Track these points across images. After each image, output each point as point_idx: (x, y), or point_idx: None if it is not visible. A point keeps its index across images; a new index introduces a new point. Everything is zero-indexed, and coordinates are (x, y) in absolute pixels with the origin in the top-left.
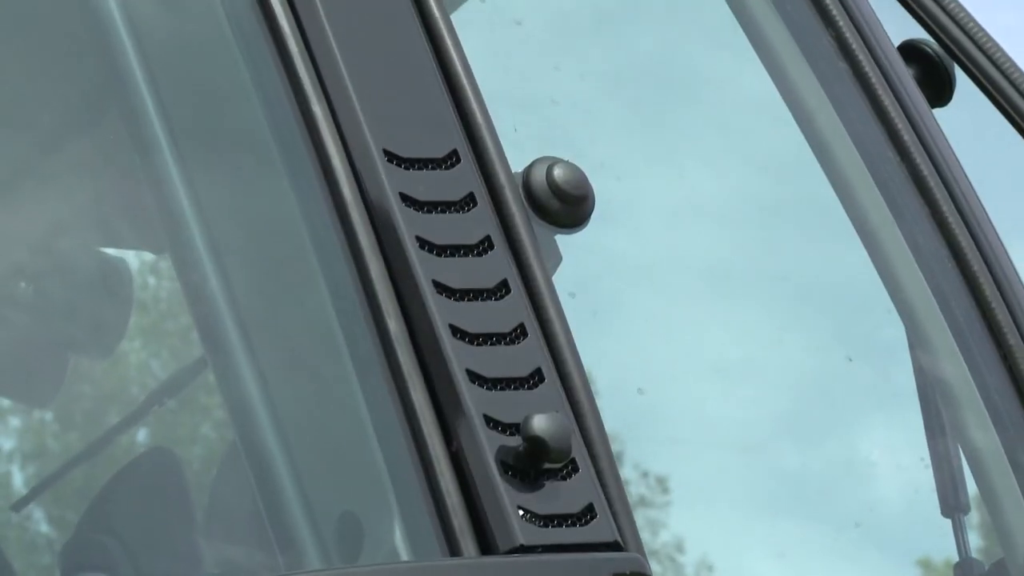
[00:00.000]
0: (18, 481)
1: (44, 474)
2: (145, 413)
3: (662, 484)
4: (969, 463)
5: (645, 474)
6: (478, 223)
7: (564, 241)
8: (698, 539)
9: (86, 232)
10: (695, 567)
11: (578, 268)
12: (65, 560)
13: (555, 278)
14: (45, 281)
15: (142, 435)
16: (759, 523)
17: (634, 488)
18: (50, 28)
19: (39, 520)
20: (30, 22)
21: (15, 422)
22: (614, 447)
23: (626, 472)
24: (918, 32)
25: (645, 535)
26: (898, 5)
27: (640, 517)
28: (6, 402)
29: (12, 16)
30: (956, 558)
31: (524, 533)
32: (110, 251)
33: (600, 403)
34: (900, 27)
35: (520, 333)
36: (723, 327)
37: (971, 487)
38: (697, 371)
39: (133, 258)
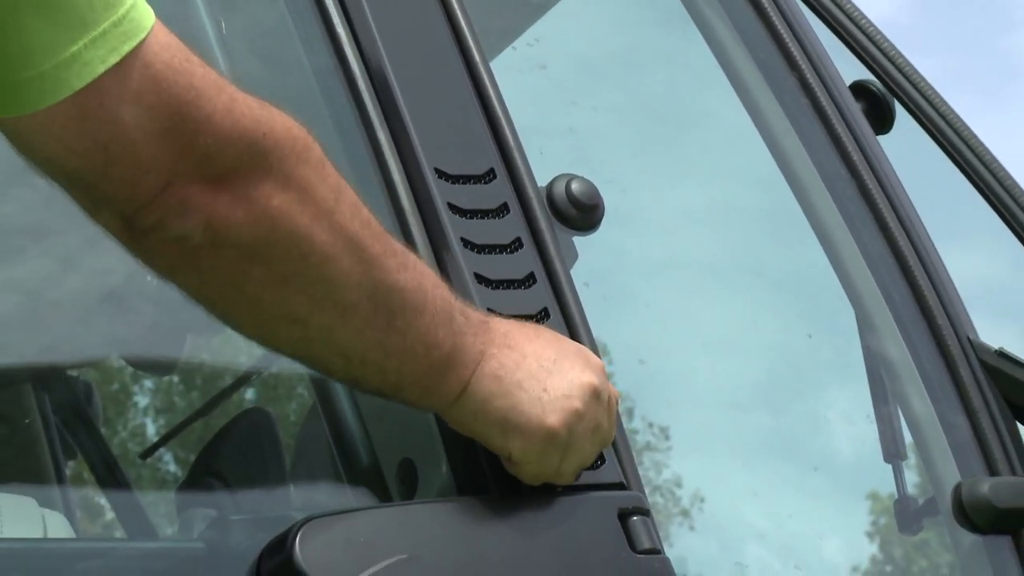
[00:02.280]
0: (149, 433)
1: (166, 429)
2: (245, 381)
3: (664, 432)
4: (906, 420)
5: (651, 424)
6: (511, 227)
7: (580, 241)
8: (692, 477)
9: None
10: (690, 499)
11: (591, 263)
12: (181, 498)
13: (572, 271)
14: None
15: (243, 397)
16: (738, 467)
17: (641, 436)
18: None
19: (162, 464)
20: None
21: (146, 388)
22: (623, 405)
23: (635, 423)
24: (865, 73)
25: (651, 473)
26: (848, 51)
27: (648, 459)
28: (139, 373)
29: None
30: (896, 495)
31: None
32: None
33: (609, 371)
34: (850, 69)
35: (544, 315)
36: (709, 310)
37: (907, 439)
38: (687, 345)
39: None
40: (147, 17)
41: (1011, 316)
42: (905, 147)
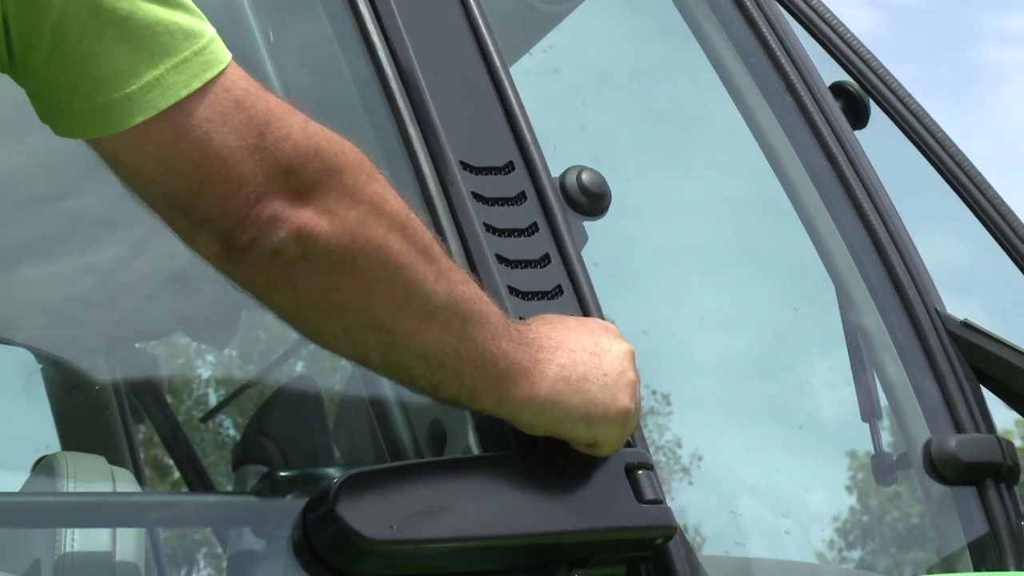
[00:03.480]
0: (207, 398)
1: (224, 395)
2: (294, 352)
3: (666, 398)
4: (881, 383)
5: (654, 391)
6: (528, 213)
7: (589, 226)
8: (691, 438)
9: None
10: (690, 457)
11: (600, 245)
12: (236, 455)
13: (583, 252)
14: None
15: (292, 367)
16: (732, 427)
17: (646, 402)
18: None
19: (220, 427)
20: None
21: (207, 360)
22: None
23: (640, 390)
24: (843, 75)
25: (654, 435)
26: (828, 56)
27: (651, 422)
28: (202, 346)
29: None
30: (872, 451)
31: None
32: None
33: None
34: (830, 72)
35: (558, 291)
36: (705, 288)
37: (883, 401)
38: (686, 319)
39: None
40: (225, 52)
41: (974, 292)
42: (879, 141)
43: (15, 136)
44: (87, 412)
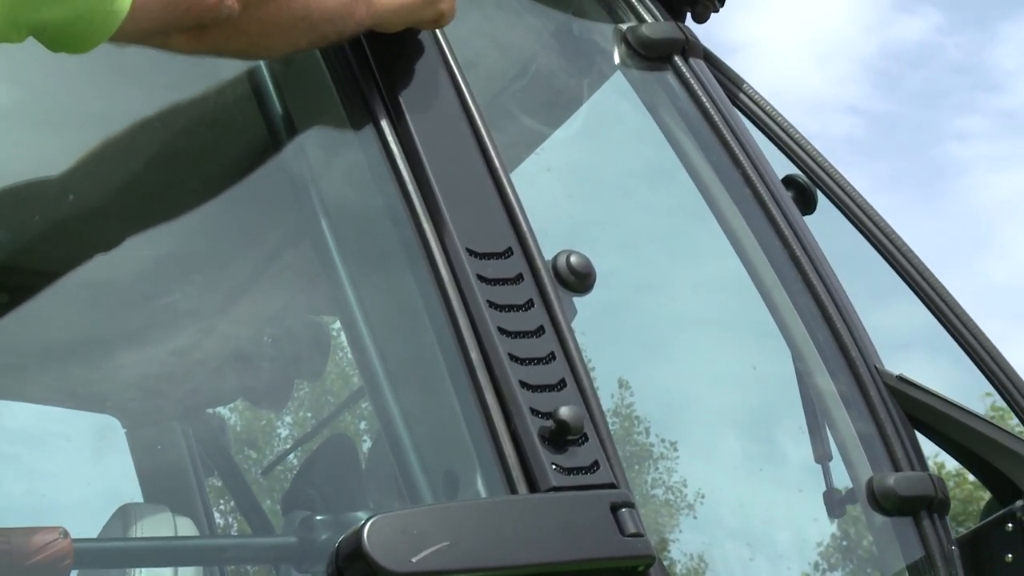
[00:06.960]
0: (264, 455)
1: (278, 451)
2: (335, 416)
3: (673, 445)
4: (830, 430)
5: (663, 439)
6: (525, 291)
7: (578, 301)
8: (695, 479)
9: (302, 306)
10: (694, 496)
11: (586, 317)
12: (284, 502)
13: (572, 324)
14: (280, 336)
15: (330, 428)
16: (701, 469)
17: (656, 449)
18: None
19: (274, 478)
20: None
21: (263, 420)
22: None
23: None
24: (793, 169)
25: (664, 476)
26: (781, 153)
27: (661, 466)
28: (260, 410)
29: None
30: (824, 488)
31: (555, 478)
32: (316, 318)
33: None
34: (782, 167)
35: (551, 357)
36: (673, 348)
37: (832, 444)
38: (659, 376)
39: (328, 321)
40: None
41: (909, 350)
42: (826, 225)
43: (118, 252)
44: (165, 468)
